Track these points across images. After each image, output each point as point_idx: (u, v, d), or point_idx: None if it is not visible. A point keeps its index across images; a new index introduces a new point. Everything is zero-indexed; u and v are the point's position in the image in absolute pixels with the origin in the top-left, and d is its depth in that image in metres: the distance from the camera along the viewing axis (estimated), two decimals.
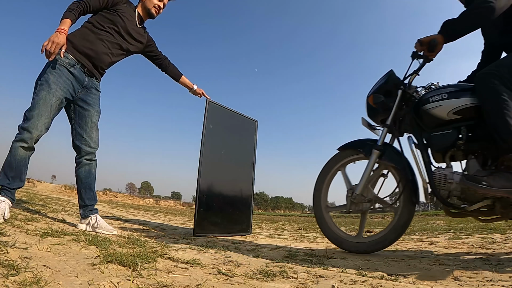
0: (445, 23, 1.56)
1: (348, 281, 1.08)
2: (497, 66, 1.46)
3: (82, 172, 1.94)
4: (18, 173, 1.70)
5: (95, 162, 1.98)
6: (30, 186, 11.46)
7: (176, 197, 62.18)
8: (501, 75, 1.42)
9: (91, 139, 1.93)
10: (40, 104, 1.68)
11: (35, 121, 1.66)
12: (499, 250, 1.85)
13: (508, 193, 1.35)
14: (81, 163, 1.93)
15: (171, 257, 1.30)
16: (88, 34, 1.87)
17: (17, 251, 1.04)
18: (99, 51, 1.89)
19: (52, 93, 1.71)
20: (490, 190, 1.38)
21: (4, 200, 1.62)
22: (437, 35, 1.56)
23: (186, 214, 7.41)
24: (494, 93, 1.41)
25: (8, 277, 0.77)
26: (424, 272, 1.25)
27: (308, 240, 2.80)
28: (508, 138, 1.35)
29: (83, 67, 1.86)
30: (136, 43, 2.09)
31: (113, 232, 1.92)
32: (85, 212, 1.95)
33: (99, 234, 1.80)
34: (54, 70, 1.74)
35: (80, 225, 1.94)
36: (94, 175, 1.98)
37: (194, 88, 2.50)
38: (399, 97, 1.69)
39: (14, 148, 1.66)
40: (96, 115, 1.96)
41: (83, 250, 1.25)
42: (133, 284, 0.86)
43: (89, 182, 1.96)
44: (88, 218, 1.94)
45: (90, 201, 1.96)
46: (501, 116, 1.36)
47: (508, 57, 1.52)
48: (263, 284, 1.02)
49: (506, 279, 1.11)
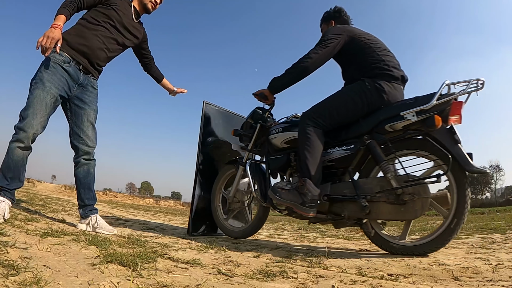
0: (272, 80, 1.99)
1: (348, 281, 1.08)
2: (314, 107, 1.88)
3: (81, 172, 1.92)
4: (16, 174, 1.69)
5: (93, 161, 1.96)
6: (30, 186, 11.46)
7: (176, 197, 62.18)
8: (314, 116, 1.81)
9: (88, 138, 1.90)
10: (35, 103, 1.66)
11: (30, 120, 1.65)
12: (499, 250, 1.85)
13: (292, 205, 1.74)
14: (80, 162, 1.91)
15: (171, 257, 1.30)
16: (82, 30, 1.84)
17: (17, 251, 1.04)
18: (94, 47, 1.86)
19: (47, 91, 1.69)
20: (279, 201, 1.80)
21: (4, 201, 1.62)
22: (265, 90, 2.04)
23: (186, 214, 7.40)
24: (303, 132, 1.79)
25: (8, 277, 0.77)
26: (424, 272, 1.25)
27: (308, 240, 2.80)
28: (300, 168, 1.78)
29: (78, 64, 1.83)
30: (132, 38, 2.06)
31: (113, 232, 1.91)
32: (85, 212, 1.93)
33: (99, 234, 1.80)
34: (48, 68, 1.72)
35: (79, 225, 1.93)
36: (93, 174, 1.96)
37: (174, 89, 2.47)
38: (257, 130, 2.24)
39: (11, 148, 1.66)
40: (93, 113, 1.93)
41: (83, 250, 1.25)
42: (133, 284, 0.86)
43: (88, 182, 1.94)
44: (88, 218, 1.92)
45: (90, 201, 1.95)
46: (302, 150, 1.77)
47: (326, 99, 1.88)
48: (263, 284, 1.02)
49: (506, 279, 1.11)
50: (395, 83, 1.76)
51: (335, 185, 1.80)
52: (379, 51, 1.81)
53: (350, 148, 1.77)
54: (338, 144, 1.83)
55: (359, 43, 1.85)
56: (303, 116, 1.86)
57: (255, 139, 2.27)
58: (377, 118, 1.71)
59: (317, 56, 1.83)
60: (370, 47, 1.83)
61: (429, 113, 1.55)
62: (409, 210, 1.57)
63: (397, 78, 1.77)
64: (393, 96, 1.74)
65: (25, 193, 5.32)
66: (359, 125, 1.78)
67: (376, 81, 1.73)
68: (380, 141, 1.69)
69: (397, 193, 1.59)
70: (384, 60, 1.78)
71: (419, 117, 1.57)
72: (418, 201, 1.55)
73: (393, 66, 1.78)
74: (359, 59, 1.84)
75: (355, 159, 1.78)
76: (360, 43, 1.85)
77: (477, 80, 1.52)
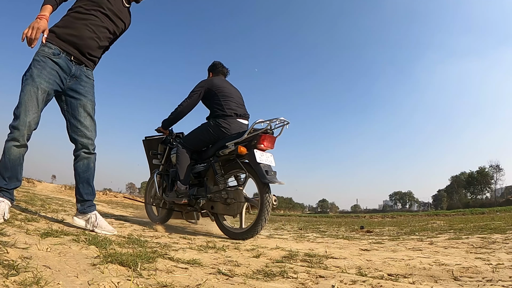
0: (162, 121, 2.89)
1: (348, 281, 1.08)
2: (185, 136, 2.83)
3: (80, 166, 1.85)
4: (14, 173, 1.68)
5: (94, 155, 1.89)
6: (30, 186, 11.44)
7: None
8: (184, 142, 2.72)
9: (86, 129, 1.82)
10: (26, 100, 1.63)
11: (23, 117, 1.62)
12: (499, 250, 1.85)
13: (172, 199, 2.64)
14: (79, 156, 1.83)
15: (171, 257, 1.30)
16: (71, 21, 1.78)
17: (17, 251, 1.04)
18: (84, 36, 1.79)
19: (37, 87, 1.65)
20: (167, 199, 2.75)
21: (3, 201, 1.62)
22: (160, 127, 2.95)
23: None
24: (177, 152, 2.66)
25: (8, 277, 0.77)
26: (424, 272, 1.25)
27: (308, 240, 2.80)
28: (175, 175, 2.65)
29: (69, 55, 1.77)
30: (121, 24, 1.99)
31: (113, 233, 1.87)
32: (84, 208, 1.87)
33: (99, 234, 1.78)
34: (37, 62, 1.67)
35: (77, 220, 1.85)
36: (93, 169, 1.89)
37: None
38: (167, 151, 3.02)
39: (7, 148, 1.63)
40: (90, 104, 1.86)
41: (83, 250, 1.25)
42: (133, 284, 0.86)
43: (87, 177, 1.87)
44: (87, 214, 1.86)
45: (88, 196, 1.88)
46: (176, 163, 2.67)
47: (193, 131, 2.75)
48: (263, 284, 1.02)
49: (506, 279, 1.11)
50: (231, 119, 2.56)
51: (199, 189, 2.65)
52: (222, 98, 2.61)
53: (204, 165, 2.67)
54: (200, 162, 2.73)
55: (211, 93, 2.67)
56: (179, 142, 2.78)
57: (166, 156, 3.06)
58: (217, 146, 2.54)
59: (186, 104, 2.73)
60: (217, 95, 2.63)
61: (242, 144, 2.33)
62: (232, 209, 2.36)
63: (231, 116, 2.56)
64: (233, 129, 2.53)
65: (25, 193, 5.32)
66: (209, 150, 2.66)
67: (216, 120, 2.56)
68: (216, 162, 2.51)
69: (223, 197, 2.39)
70: (222, 104, 2.58)
71: (235, 146, 2.34)
72: (236, 204, 2.34)
73: (228, 108, 2.58)
74: (211, 104, 2.68)
75: (208, 173, 2.61)
76: (212, 93, 2.66)
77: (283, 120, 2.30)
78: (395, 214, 20.11)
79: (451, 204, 45.98)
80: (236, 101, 2.66)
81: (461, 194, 50.05)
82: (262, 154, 2.27)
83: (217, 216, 2.51)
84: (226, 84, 2.78)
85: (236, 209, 2.32)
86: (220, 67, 2.94)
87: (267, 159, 2.28)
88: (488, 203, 35.66)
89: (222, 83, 2.74)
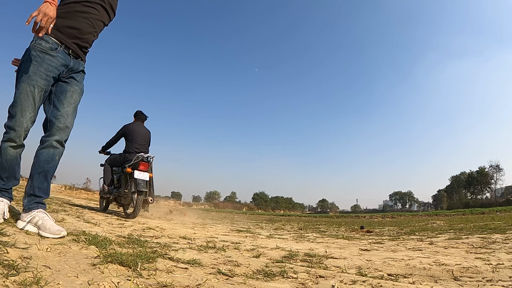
0: (102, 147, 4.52)
1: (348, 281, 1.08)
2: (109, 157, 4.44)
3: (44, 154, 1.63)
4: (11, 173, 1.66)
5: (62, 149, 1.71)
6: None
7: (176, 196, 62.22)
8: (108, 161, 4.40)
9: (67, 115, 1.70)
10: (22, 99, 1.57)
11: (19, 117, 1.57)
12: (499, 250, 1.85)
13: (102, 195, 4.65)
14: (47, 142, 1.64)
15: (171, 257, 1.30)
16: (72, 13, 1.70)
17: (17, 251, 1.04)
18: (85, 31, 1.73)
19: (33, 85, 1.58)
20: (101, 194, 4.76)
21: (2, 200, 1.61)
22: (100, 150, 4.56)
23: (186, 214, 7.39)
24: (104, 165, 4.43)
25: (8, 277, 0.77)
26: (424, 272, 1.25)
27: (308, 240, 2.80)
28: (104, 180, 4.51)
29: (67, 49, 1.70)
30: (113, 16, 1.94)
31: (60, 234, 1.49)
32: (29, 203, 1.59)
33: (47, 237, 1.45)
34: (34, 57, 1.59)
35: (19, 223, 1.54)
36: (56, 163, 1.68)
37: None
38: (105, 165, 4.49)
39: (4, 148, 1.60)
40: (78, 93, 1.78)
41: (83, 250, 1.25)
42: (133, 284, 0.86)
43: (47, 169, 1.64)
44: (30, 212, 1.56)
45: (40, 193, 1.62)
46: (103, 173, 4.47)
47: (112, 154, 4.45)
48: (263, 284, 1.02)
49: (506, 279, 1.11)
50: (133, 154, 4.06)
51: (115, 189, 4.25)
52: (129, 138, 4.19)
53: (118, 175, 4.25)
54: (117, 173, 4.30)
55: (125, 135, 4.24)
56: (106, 160, 4.41)
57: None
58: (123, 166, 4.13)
59: (112, 140, 4.40)
60: (128, 137, 4.20)
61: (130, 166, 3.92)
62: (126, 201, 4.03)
63: (133, 152, 4.09)
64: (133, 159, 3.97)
65: None
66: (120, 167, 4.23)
67: (125, 153, 4.17)
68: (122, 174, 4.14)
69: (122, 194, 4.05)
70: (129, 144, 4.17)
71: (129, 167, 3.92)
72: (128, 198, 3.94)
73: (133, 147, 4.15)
74: (125, 141, 4.23)
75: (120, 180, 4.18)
76: (125, 135, 4.23)
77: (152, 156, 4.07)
78: (395, 214, 20.12)
79: (451, 204, 45.98)
80: (140, 142, 4.21)
81: (461, 194, 50.05)
82: (139, 172, 3.80)
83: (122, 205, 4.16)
84: (138, 129, 4.28)
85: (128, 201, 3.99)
86: (140, 115, 4.47)
87: (143, 175, 3.81)
88: (488, 203, 35.64)
89: (135, 128, 4.25)
